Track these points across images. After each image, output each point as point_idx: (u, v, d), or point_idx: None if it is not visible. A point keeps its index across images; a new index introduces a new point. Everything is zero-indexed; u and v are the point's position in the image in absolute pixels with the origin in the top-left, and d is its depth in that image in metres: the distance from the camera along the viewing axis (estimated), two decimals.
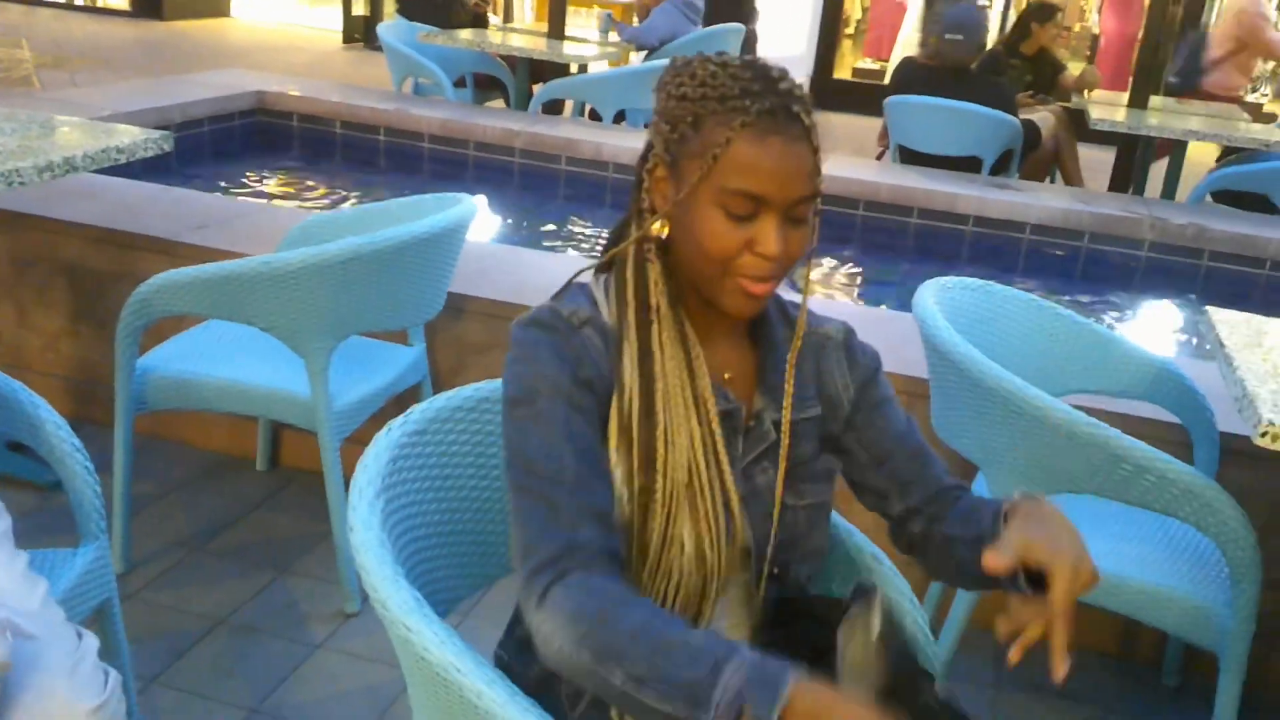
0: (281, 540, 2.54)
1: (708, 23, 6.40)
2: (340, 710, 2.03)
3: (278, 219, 3.11)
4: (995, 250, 4.28)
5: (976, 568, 1.10)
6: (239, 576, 2.39)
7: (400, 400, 2.48)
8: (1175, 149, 5.29)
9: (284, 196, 4.62)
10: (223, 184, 4.48)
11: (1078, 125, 5.73)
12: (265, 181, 4.70)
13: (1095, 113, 4.97)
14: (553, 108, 5.92)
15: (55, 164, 2.32)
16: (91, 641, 1.34)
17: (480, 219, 4.52)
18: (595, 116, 5.61)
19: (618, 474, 1.15)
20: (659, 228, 1.17)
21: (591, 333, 1.17)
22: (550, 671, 1.12)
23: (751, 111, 1.09)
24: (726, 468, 1.18)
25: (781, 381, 1.25)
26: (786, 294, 1.29)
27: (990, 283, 2.20)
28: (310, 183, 4.78)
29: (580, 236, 4.47)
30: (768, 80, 1.12)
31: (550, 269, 2.90)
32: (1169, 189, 5.39)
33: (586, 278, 1.24)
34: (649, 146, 1.19)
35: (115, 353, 2.25)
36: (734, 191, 1.10)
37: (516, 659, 1.26)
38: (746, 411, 1.23)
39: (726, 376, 1.22)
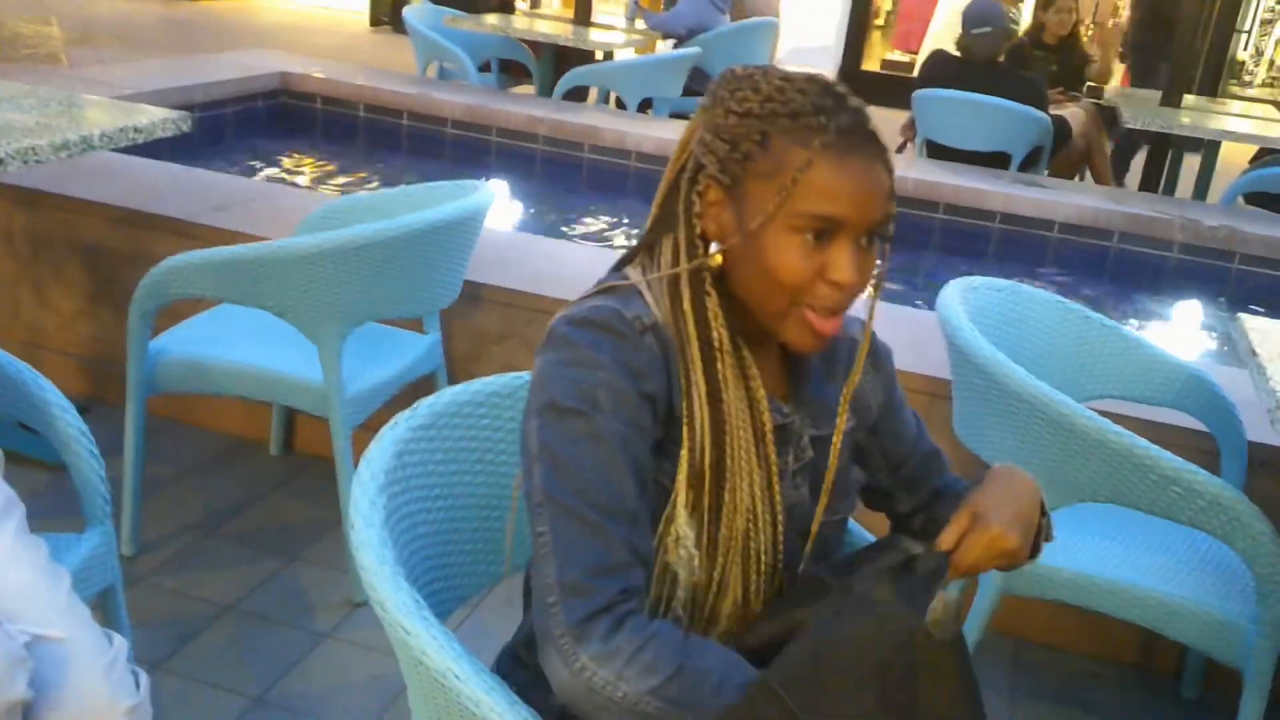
0: (292, 526, 2.52)
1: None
2: (346, 700, 2.01)
3: (297, 202, 3.08)
4: (1022, 248, 4.22)
5: None
6: (248, 562, 2.38)
7: (414, 388, 2.45)
8: (1206, 148, 5.20)
9: (306, 179, 4.60)
10: (244, 165, 4.46)
11: (1109, 123, 5.65)
12: (287, 163, 4.68)
13: (1127, 111, 4.89)
14: (577, 95, 5.87)
15: (72, 142, 2.30)
16: (122, 642, 1.34)
17: (501, 206, 4.50)
18: (620, 104, 5.57)
19: (687, 532, 1.07)
20: (717, 260, 1.08)
21: (653, 341, 1.07)
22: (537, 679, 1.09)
23: (830, 130, 1.02)
24: (779, 504, 1.13)
25: (815, 395, 1.19)
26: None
27: (1017, 283, 2.15)
28: (332, 166, 4.76)
29: (602, 226, 4.43)
30: (837, 96, 1.05)
31: (569, 259, 2.87)
32: (1201, 189, 5.30)
33: (632, 277, 1.13)
34: (697, 167, 1.08)
35: (128, 334, 2.23)
36: (813, 216, 1.02)
37: (514, 669, 1.24)
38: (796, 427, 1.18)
39: (777, 396, 1.16)
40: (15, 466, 1.59)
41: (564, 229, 4.37)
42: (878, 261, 1.09)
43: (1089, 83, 5.97)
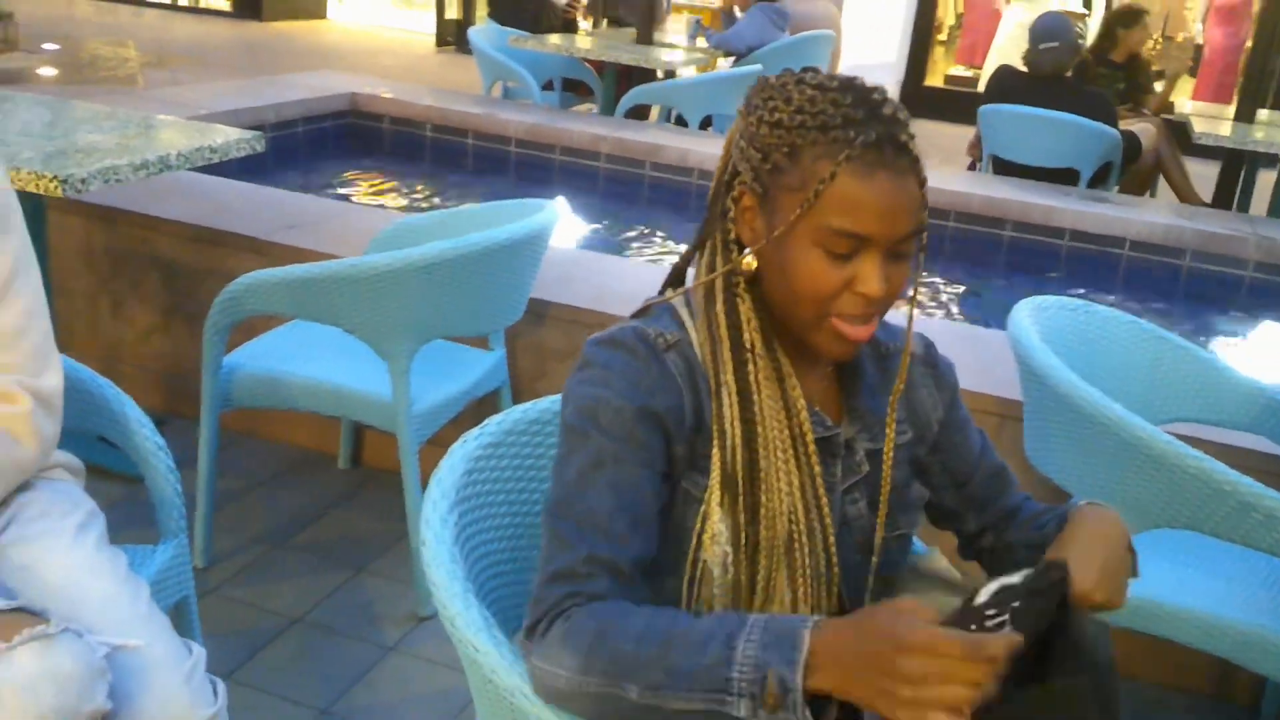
0: (359, 539, 2.56)
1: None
2: (412, 714, 2.03)
3: (366, 221, 3.13)
4: (1092, 266, 4.15)
5: None
6: (316, 574, 2.41)
7: (480, 405, 2.48)
8: None
9: (374, 197, 4.67)
10: (314, 184, 4.54)
11: (1180, 138, 5.55)
12: (356, 183, 4.76)
13: (1199, 126, 4.80)
14: (638, 113, 5.90)
15: (151, 162, 2.37)
16: (201, 652, 1.37)
17: (564, 224, 4.52)
18: (681, 122, 5.58)
19: (721, 529, 1.07)
20: (749, 264, 1.09)
21: (676, 358, 1.09)
22: None
23: (856, 144, 1.01)
24: (827, 512, 1.12)
25: (870, 408, 1.19)
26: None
27: (1090, 303, 2.11)
28: (400, 185, 4.83)
29: (663, 244, 4.45)
30: (870, 106, 1.03)
31: (632, 276, 2.88)
32: (1276, 206, 5.18)
33: (672, 299, 1.17)
34: (734, 173, 1.11)
35: (203, 349, 2.28)
36: (836, 231, 1.02)
37: None
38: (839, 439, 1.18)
39: (819, 410, 1.16)
40: (93, 478, 1.63)
41: (627, 246, 4.38)
42: (912, 270, 1.09)
43: (1159, 98, 5.86)
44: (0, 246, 1.43)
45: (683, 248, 1.23)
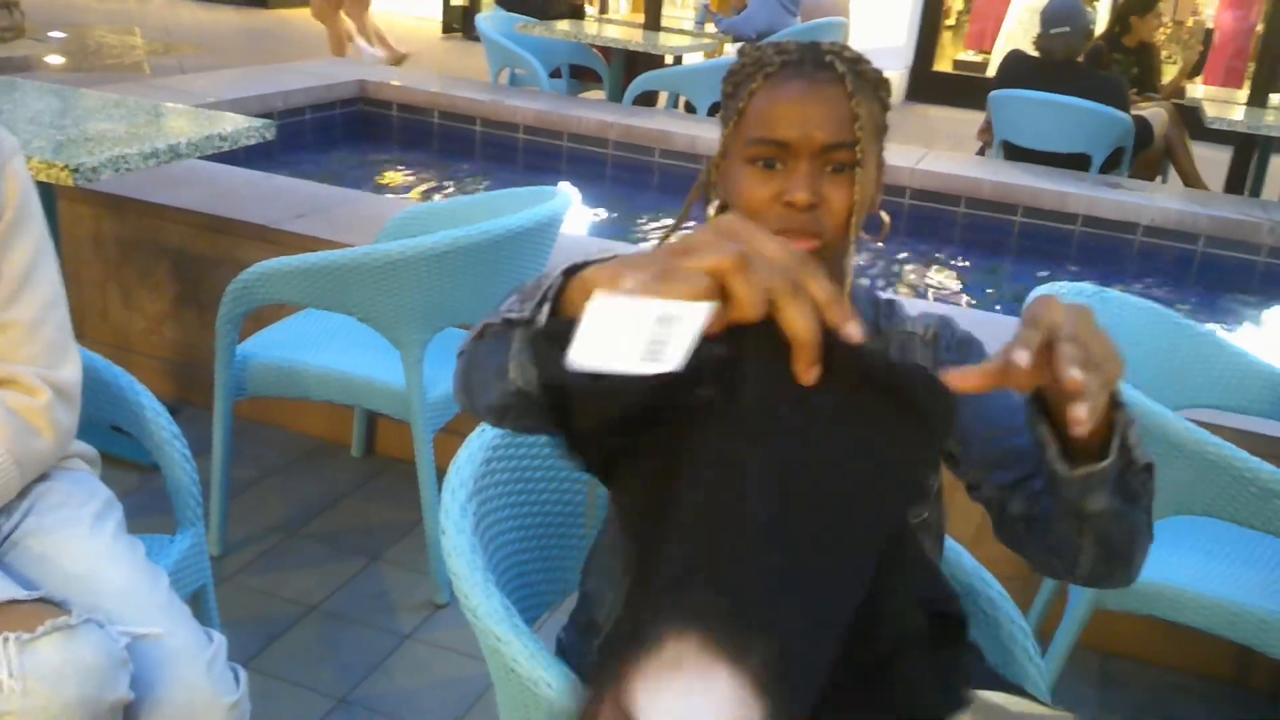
0: (374, 527, 2.56)
1: None
2: (428, 702, 2.03)
3: (376, 208, 3.13)
4: (1104, 252, 4.13)
5: (1059, 508, 0.99)
6: (331, 563, 2.41)
7: None
8: None
9: (383, 185, 4.66)
10: (323, 172, 4.54)
11: (1191, 123, 5.52)
12: (364, 170, 4.75)
13: (1211, 111, 4.77)
14: (647, 99, 5.88)
15: (160, 151, 2.36)
16: (221, 640, 1.36)
17: (573, 211, 4.51)
18: (690, 109, 5.56)
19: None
20: (714, 214, 1.15)
21: None
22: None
23: (775, 62, 1.08)
24: None
25: None
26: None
27: (1105, 289, 2.10)
28: (408, 172, 4.82)
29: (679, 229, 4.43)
30: (810, 48, 1.09)
31: None
32: None
33: None
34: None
35: (216, 339, 2.27)
36: (756, 140, 1.07)
37: (576, 644, 1.25)
38: None
39: None
40: (107, 468, 1.63)
41: (636, 233, 4.37)
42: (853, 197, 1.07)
43: (1172, 83, 5.83)
44: (20, 238, 1.43)
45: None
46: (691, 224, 1.19)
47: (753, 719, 0.68)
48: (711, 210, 1.16)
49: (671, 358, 0.68)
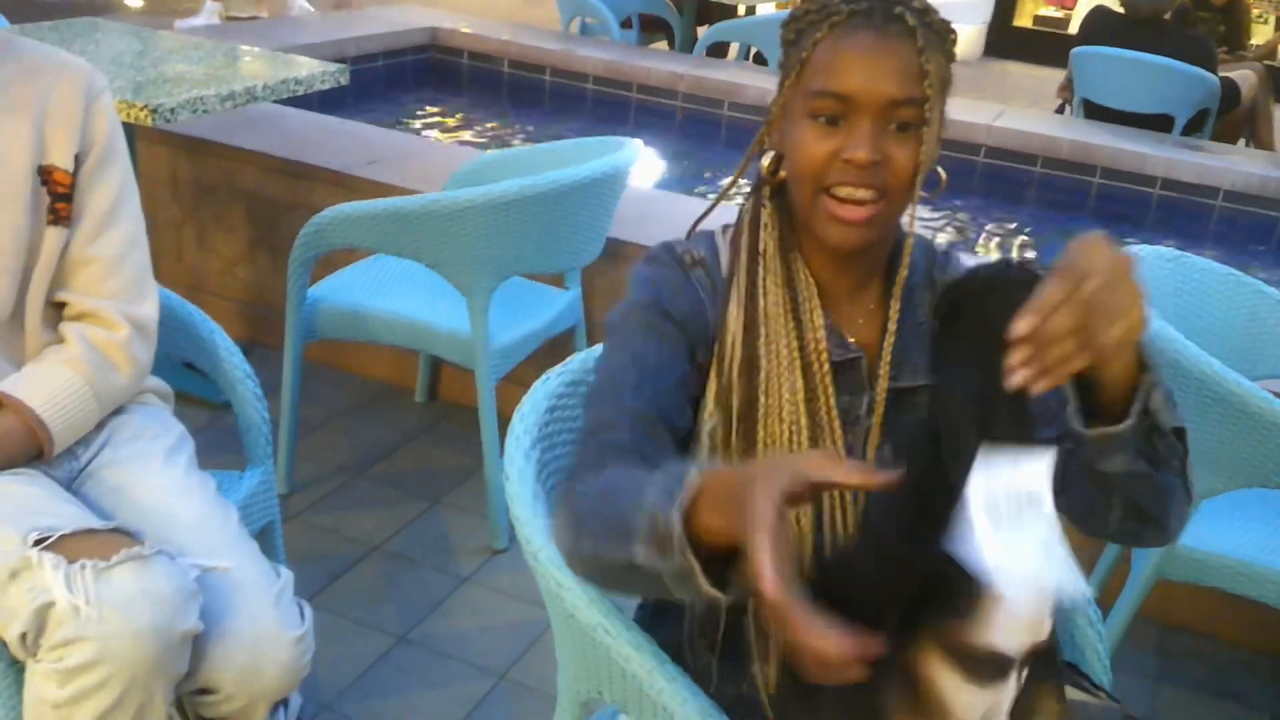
0: (436, 472, 2.60)
1: None
2: (485, 644, 2.07)
3: (446, 156, 3.14)
4: (1183, 217, 4.02)
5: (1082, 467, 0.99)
6: (394, 504, 2.46)
7: (554, 343, 2.49)
8: None
9: (452, 133, 4.67)
10: (394, 119, 4.56)
11: (1277, 84, 5.33)
12: (435, 117, 4.77)
13: None
14: (718, 51, 5.81)
15: (237, 93, 2.39)
16: (288, 575, 1.40)
17: (641, 163, 4.49)
18: (761, 60, 5.48)
19: (710, 407, 1.07)
20: (768, 165, 1.11)
21: (702, 274, 1.11)
22: (680, 638, 1.09)
23: (843, 11, 1.02)
24: (837, 426, 1.07)
25: (913, 345, 1.12)
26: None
27: (1186, 253, 2.05)
28: (477, 120, 4.82)
29: (742, 184, 4.39)
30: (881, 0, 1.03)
31: (709, 217, 2.83)
32: None
33: (713, 224, 1.18)
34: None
35: (287, 281, 2.31)
36: (819, 92, 1.02)
37: (649, 624, 1.24)
38: (870, 372, 1.10)
39: (851, 339, 1.11)
40: (179, 405, 1.67)
41: (704, 187, 4.34)
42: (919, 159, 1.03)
43: (1268, 44, 5.61)
44: (107, 174, 1.46)
45: None
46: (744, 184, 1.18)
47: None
48: (765, 162, 1.13)
49: None
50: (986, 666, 0.86)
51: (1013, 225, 4.19)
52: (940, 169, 1.12)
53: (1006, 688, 0.88)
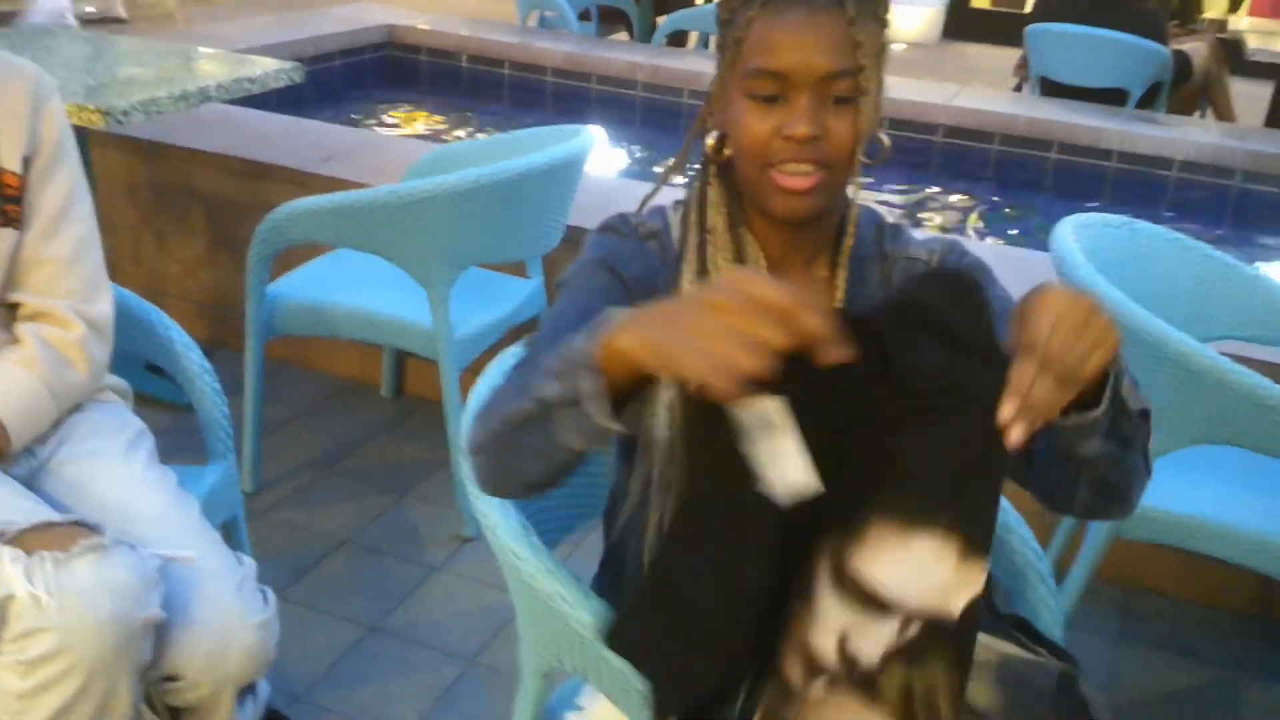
0: (403, 465, 2.60)
1: None
2: (455, 630, 2.08)
3: (404, 150, 3.14)
4: (1140, 188, 4.07)
5: (1054, 452, 1.02)
6: (362, 498, 2.46)
7: (518, 332, 2.50)
8: None
9: (412, 129, 4.67)
10: (354, 117, 4.55)
11: (1232, 56, 5.39)
12: (394, 114, 4.76)
13: (1253, 42, 4.66)
14: (677, 40, 5.82)
15: (190, 93, 2.38)
16: (251, 563, 1.41)
17: (601, 153, 4.50)
18: None
19: (669, 397, 1.04)
20: (713, 144, 1.13)
21: (655, 246, 1.14)
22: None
23: None
24: None
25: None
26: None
27: (1134, 220, 2.08)
28: (438, 116, 4.82)
29: (692, 163, 4.41)
30: None
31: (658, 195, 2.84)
32: None
33: (663, 200, 1.20)
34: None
35: (246, 278, 2.31)
36: (756, 71, 1.03)
37: (606, 593, 1.25)
38: None
39: None
40: (143, 408, 1.67)
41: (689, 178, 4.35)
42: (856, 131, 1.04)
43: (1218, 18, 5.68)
44: (57, 175, 1.47)
45: None
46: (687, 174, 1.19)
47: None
48: (710, 141, 1.14)
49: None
50: (861, 593, 0.90)
51: (971, 202, 4.23)
52: (884, 136, 1.13)
53: (887, 626, 0.90)
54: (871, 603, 0.90)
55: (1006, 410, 0.88)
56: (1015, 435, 0.87)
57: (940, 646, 0.91)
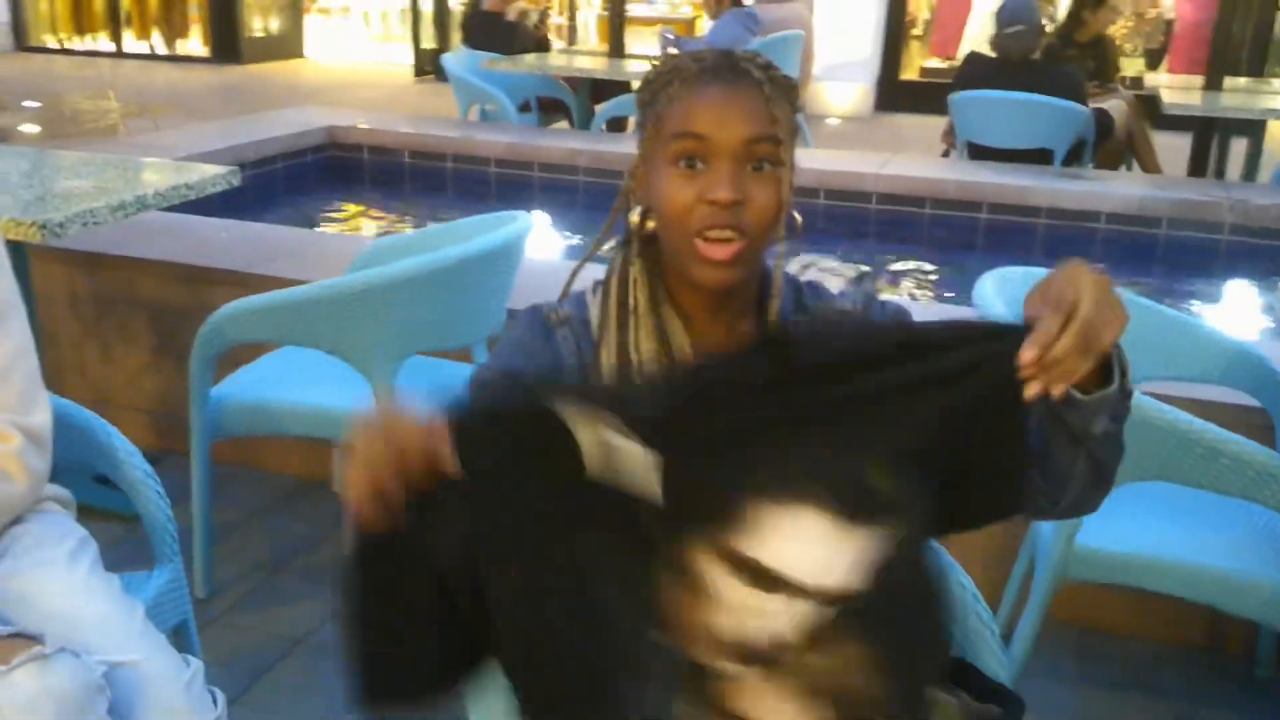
0: None
1: None
2: None
3: (345, 247, 3.18)
4: (1070, 242, 4.19)
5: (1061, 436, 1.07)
6: (317, 597, 2.44)
7: None
8: (1253, 129, 5.13)
9: (356, 226, 4.72)
10: (296, 219, 4.59)
11: (1151, 112, 5.59)
12: (337, 213, 4.81)
13: (1168, 97, 4.85)
14: (616, 125, 5.96)
15: (128, 203, 2.41)
16: (199, 664, 1.40)
17: (545, 237, 4.56)
18: None
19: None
20: (636, 219, 1.15)
21: (567, 333, 1.15)
22: None
23: (692, 68, 1.09)
24: None
25: None
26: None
27: (1037, 269, 2.15)
28: (381, 212, 4.88)
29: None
30: (725, 53, 1.10)
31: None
32: (1250, 172, 5.22)
33: (583, 283, 1.21)
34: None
35: (189, 381, 2.31)
36: (676, 135, 1.07)
37: None
38: None
39: None
40: (92, 520, 1.66)
41: (609, 256, 4.41)
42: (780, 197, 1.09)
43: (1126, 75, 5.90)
44: None
45: None
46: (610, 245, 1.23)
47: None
48: (635, 217, 1.16)
49: None
50: (748, 571, 0.94)
51: (907, 266, 4.33)
52: (796, 214, 1.16)
53: (781, 602, 0.94)
54: (765, 579, 0.93)
55: (1028, 354, 0.94)
56: (1033, 390, 0.94)
57: (850, 625, 0.95)
